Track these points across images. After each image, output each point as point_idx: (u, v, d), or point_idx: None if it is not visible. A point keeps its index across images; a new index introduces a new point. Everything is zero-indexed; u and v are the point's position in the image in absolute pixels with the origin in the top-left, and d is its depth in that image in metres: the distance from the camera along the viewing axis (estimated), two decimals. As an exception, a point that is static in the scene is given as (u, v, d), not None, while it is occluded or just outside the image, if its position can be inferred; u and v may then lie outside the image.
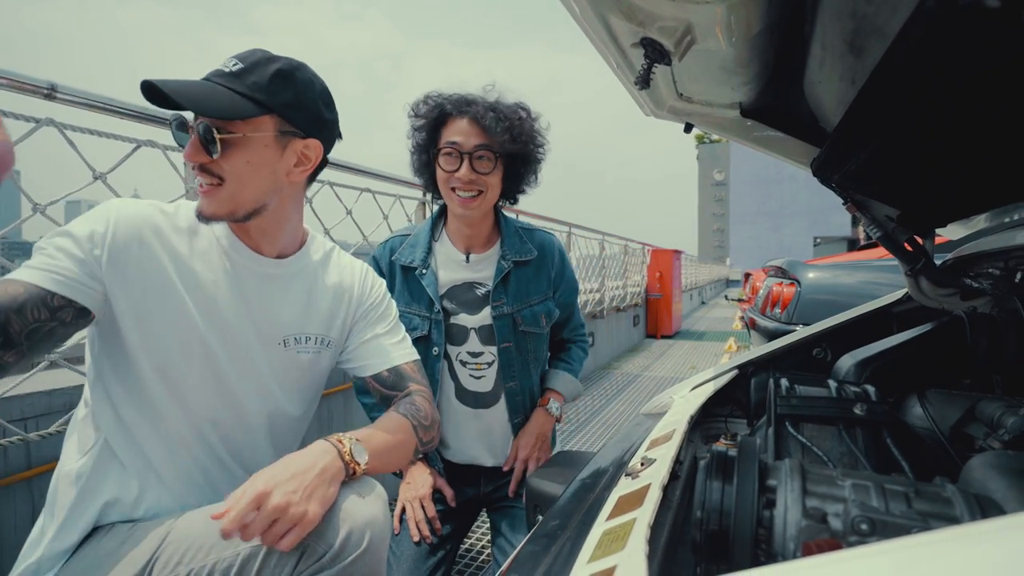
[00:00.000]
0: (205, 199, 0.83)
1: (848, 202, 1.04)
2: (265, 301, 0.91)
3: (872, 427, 0.62)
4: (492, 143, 1.20)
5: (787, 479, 0.47)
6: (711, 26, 0.75)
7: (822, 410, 0.65)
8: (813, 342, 1.16)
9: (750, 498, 0.46)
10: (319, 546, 0.72)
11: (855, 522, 0.41)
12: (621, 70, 0.89)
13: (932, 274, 0.98)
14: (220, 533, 0.66)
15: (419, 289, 1.30)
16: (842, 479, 0.47)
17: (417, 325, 1.30)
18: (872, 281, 2.38)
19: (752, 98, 1.06)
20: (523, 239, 1.36)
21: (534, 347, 1.37)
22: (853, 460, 0.60)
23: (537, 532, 0.69)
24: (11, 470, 1.12)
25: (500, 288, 1.31)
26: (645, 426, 1.11)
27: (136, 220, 0.82)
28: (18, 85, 0.99)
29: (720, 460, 0.50)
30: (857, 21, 0.71)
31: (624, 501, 0.69)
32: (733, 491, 0.47)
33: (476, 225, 1.31)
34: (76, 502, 0.80)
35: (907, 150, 0.79)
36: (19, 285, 0.71)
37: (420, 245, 1.32)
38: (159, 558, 0.74)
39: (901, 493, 0.44)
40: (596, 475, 0.90)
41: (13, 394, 1.10)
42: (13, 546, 1.13)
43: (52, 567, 0.77)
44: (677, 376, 5.12)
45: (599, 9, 0.72)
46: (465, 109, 1.20)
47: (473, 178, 1.21)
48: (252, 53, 0.83)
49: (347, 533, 0.73)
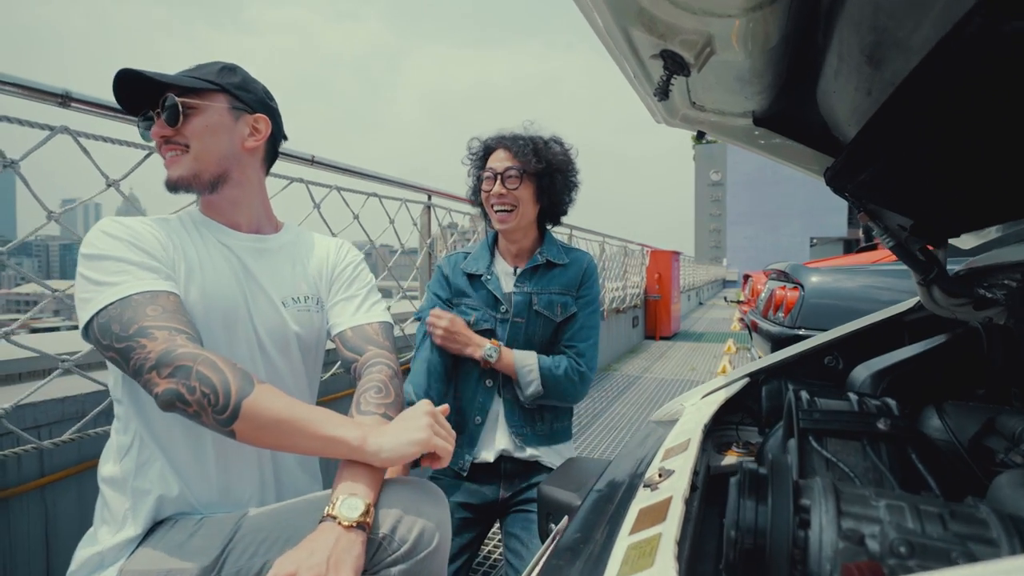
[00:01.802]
0: (173, 166, 0.93)
1: (861, 211, 1.05)
2: (262, 272, 1.00)
3: (897, 442, 0.62)
4: (518, 163, 1.39)
5: (821, 499, 0.47)
6: (731, 38, 0.76)
7: (845, 424, 0.65)
8: (824, 350, 1.16)
9: (786, 517, 0.46)
10: (393, 540, 0.76)
11: (893, 544, 0.41)
12: (639, 80, 0.90)
13: (945, 284, 0.99)
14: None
15: (485, 292, 1.47)
16: (876, 499, 0.47)
17: (486, 318, 1.46)
18: (875, 285, 2.39)
19: (765, 107, 1.06)
20: (561, 251, 1.52)
21: (541, 330, 1.45)
22: (878, 476, 0.60)
23: (561, 545, 0.69)
24: (24, 478, 1.11)
25: (528, 273, 1.47)
26: (657, 434, 1.12)
27: (152, 227, 0.91)
28: (32, 93, 0.99)
29: (753, 478, 0.50)
30: (877, 34, 0.71)
31: (645, 514, 0.69)
32: (768, 510, 0.47)
33: (519, 240, 1.48)
34: (127, 503, 0.84)
35: (925, 162, 0.79)
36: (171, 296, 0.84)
37: (482, 258, 1.51)
38: (233, 549, 0.79)
39: (936, 514, 0.44)
40: (613, 485, 0.90)
41: (27, 402, 1.10)
42: (26, 553, 1.12)
43: (117, 559, 0.81)
44: (678, 378, 5.13)
45: (622, 22, 0.72)
46: (499, 142, 1.44)
47: (503, 192, 1.39)
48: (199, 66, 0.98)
49: (420, 531, 0.78)
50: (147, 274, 0.83)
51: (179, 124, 0.91)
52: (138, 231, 0.88)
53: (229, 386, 0.75)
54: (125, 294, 0.80)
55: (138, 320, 0.78)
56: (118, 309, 0.79)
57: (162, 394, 0.74)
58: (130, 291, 0.80)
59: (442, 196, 2.52)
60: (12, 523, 1.10)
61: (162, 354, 0.75)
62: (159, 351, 0.75)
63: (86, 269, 0.82)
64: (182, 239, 0.93)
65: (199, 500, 0.88)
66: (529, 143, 1.40)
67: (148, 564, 0.79)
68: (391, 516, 0.78)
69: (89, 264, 0.82)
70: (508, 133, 1.45)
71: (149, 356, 0.75)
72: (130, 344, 0.76)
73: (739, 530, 0.48)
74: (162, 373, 0.74)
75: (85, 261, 0.83)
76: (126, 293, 0.80)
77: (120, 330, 0.77)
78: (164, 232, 0.92)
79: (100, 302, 0.79)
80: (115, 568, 0.79)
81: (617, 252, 6.62)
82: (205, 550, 0.79)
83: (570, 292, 1.48)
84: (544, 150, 1.42)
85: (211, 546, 0.80)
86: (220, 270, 0.94)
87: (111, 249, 0.83)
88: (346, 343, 1.03)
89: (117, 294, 0.80)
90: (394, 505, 0.79)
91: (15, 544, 1.10)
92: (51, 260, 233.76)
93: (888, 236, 1.03)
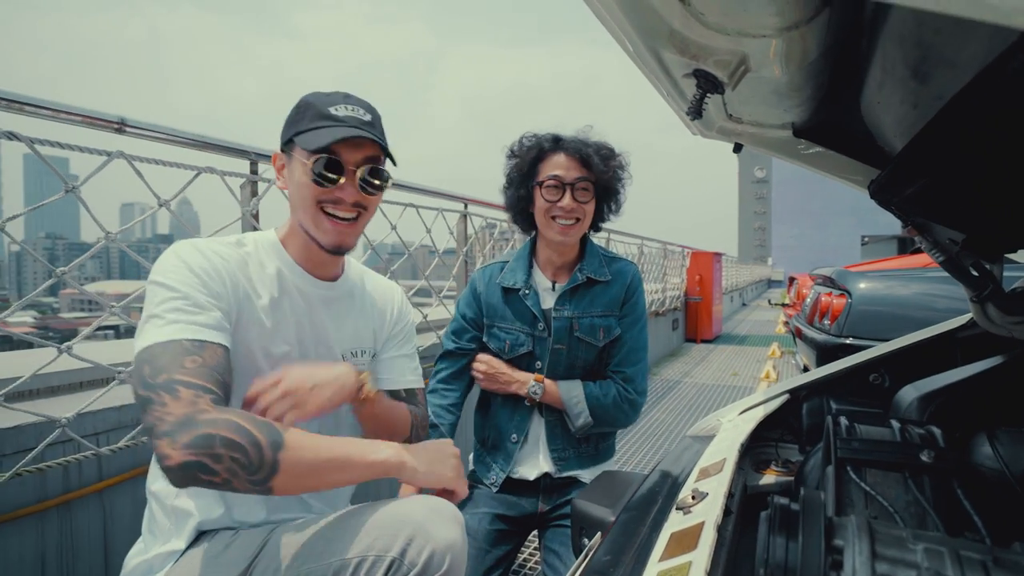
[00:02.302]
0: (349, 231, 0.94)
1: (908, 225, 1.01)
2: (327, 321, 0.99)
3: (941, 476, 0.60)
4: (590, 175, 1.32)
5: (855, 539, 0.46)
6: (766, 57, 0.74)
7: (886, 455, 0.63)
8: (870, 367, 1.12)
9: (817, 558, 0.45)
10: (404, 563, 0.76)
11: (929, 593, 0.40)
12: (672, 98, 0.89)
13: (1001, 301, 0.94)
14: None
15: (523, 308, 1.40)
16: (913, 542, 0.45)
17: (523, 341, 1.40)
18: (931, 292, 2.28)
19: (805, 118, 1.03)
20: (602, 263, 1.43)
21: (583, 357, 1.39)
22: (920, 512, 0.58)
23: (590, 568, 0.69)
24: (85, 482, 1.19)
25: (567, 295, 1.38)
26: (693, 450, 1.10)
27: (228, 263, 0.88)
28: (90, 120, 1.05)
29: (784, 514, 0.49)
30: (923, 50, 0.69)
31: (676, 540, 0.69)
32: (798, 549, 0.46)
33: (567, 252, 1.41)
34: (170, 523, 0.87)
35: (978, 175, 0.76)
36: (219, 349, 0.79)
37: (520, 270, 1.43)
38: (258, 565, 0.81)
39: (978, 562, 0.43)
40: (646, 504, 0.89)
41: (87, 411, 1.17)
42: (88, 553, 1.20)
43: (163, 566, 0.84)
44: (719, 383, 5.02)
45: (652, 45, 0.71)
46: (563, 146, 1.33)
47: (574, 207, 1.31)
48: (358, 100, 0.95)
49: (430, 554, 0.77)
50: (203, 318, 0.79)
51: (381, 191, 0.95)
52: (211, 265, 0.85)
53: (260, 443, 0.70)
54: (171, 337, 0.76)
55: (169, 370, 0.72)
56: (158, 351, 0.74)
57: (178, 467, 0.67)
58: (177, 335, 0.76)
59: (478, 204, 2.54)
60: (74, 524, 1.17)
61: (182, 420, 0.69)
62: (179, 416, 0.69)
63: (151, 293, 0.81)
64: (252, 277, 0.91)
65: (242, 520, 0.90)
66: (598, 153, 1.33)
67: (187, 573, 0.82)
68: (401, 538, 0.77)
69: (155, 290, 0.80)
70: (571, 137, 1.35)
71: (166, 418, 0.69)
72: (151, 396, 0.71)
73: (768, 568, 0.47)
74: (178, 442, 0.67)
75: (153, 285, 0.81)
76: (173, 337, 0.76)
77: (149, 375, 0.72)
78: (237, 266, 0.89)
79: (148, 337, 0.76)
80: (162, 574, 0.83)
81: (656, 254, 6.53)
82: (235, 563, 0.81)
83: (613, 312, 1.40)
84: (611, 160, 1.35)
85: (240, 559, 0.82)
86: (283, 318, 0.93)
87: (178, 280, 0.81)
88: (395, 396, 1.07)
89: (165, 335, 0.76)
90: (405, 527, 0.78)
91: (77, 544, 1.18)
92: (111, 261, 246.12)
93: (938, 251, 0.99)
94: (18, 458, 1.06)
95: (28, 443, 1.08)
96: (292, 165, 0.93)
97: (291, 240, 0.97)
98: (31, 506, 1.09)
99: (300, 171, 0.90)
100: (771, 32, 0.67)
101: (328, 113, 0.91)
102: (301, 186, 0.91)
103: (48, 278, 1.10)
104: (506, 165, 1.41)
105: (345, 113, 0.92)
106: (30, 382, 1.12)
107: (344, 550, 0.77)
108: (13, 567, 1.07)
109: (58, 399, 1.27)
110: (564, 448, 1.40)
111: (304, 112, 0.92)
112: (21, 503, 1.08)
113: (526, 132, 1.38)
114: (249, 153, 1.41)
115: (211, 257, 0.86)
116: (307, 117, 0.91)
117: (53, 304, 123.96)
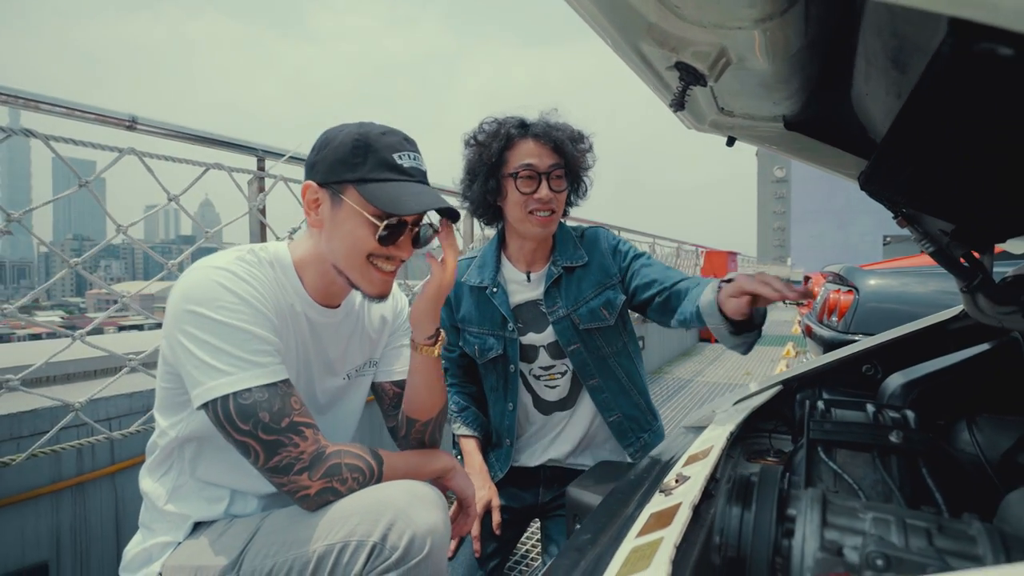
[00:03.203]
0: (392, 279, 0.94)
1: (898, 216, 1.01)
2: (329, 347, 0.99)
3: (908, 456, 0.61)
4: (563, 161, 1.24)
5: (807, 509, 0.48)
6: (747, 49, 0.75)
7: (856, 436, 0.64)
8: (863, 358, 1.12)
9: (767, 526, 0.47)
10: (385, 547, 0.78)
11: (870, 557, 0.42)
12: (659, 92, 0.90)
13: (990, 291, 0.94)
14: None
15: (491, 308, 1.33)
16: (864, 511, 0.47)
17: (492, 345, 1.33)
18: (939, 289, 2.25)
19: (796, 111, 1.04)
20: (576, 245, 1.36)
21: (605, 341, 1.33)
22: (886, 490, 0.59)
23: (568, 545, 0.71)
24: (98, 465, 1.24)
25: (553, 292, 1.31)
26: (686, 439, 1.11)
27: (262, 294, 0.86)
28: (103, 118, 1.10)
29: (741, 486, 0.51)
30: (898, 39, 0.70)
31: (655, 518, 0.71)
32: (751, 518, 0.48)
33: (544, 242, 1.33)
34: (167, 520, 0.89)
35: (960, 164, 0.77)
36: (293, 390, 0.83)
37: (488, 266, 1.35)
38: (249, 550, 0.83)
39: (923, 529, 0.44)
40: (632, 488, 0.91)
41: (99, 396, 1.22)
42: (99, 531, 1.25)
43: (161, 555, 0.87)
44: (731, 382, 4.98)
45: (630, 39, 0.73)
46: (531, 131, 1.23)
47: (552, 197, 1.23)
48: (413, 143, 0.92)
49: (411, 538, 0.78)
50: (278, 357, 0.83)
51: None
52: (258, 296, 0.84)
53: (372, 466, 0.86)
54: (273, 380, 0.80)
55: (288, 414, 0.79)
56: (266, 395, 0.78)
57: (315, 495, 0.80)
58: (276, 378, 0.80)
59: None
60: (88, 505, 1.23)
61: (315, 456, 0.80)
62: (312, 452, 0.80)
63: (211, 335, 0.78)
64: (276, 304, 0.89)
65: (238, 514, 0.91)
66: (567, 136, 1.24)
67: (184, 560, 0.84)
68: (382, 523, 0.78)
69: (218, 331, 0.78)
70: (538, 120, 1.25)
71: (302, 457, 0.79)
72: (280, 439, 0.78)
73: (723, 536, 0.49)
74: (315, 475, 0.79)
75: (209, 324, 0.78)
76: (274, 379, 0.80)
77: (271, 421, 0.78)
78: (271, 299, 0.87)
79: (245, 381, 0.77)
80: (159, 563, 0.86)
81: (669, 253, 6.50)
82: (229, 549, 0.83)
83: (607, 283, 1.32)
84: (581, 144, 1.28)
85: (234, 545, 0.84)
86: (288, 345, 0.92)
87: (242, 319, 0.80)
88: (402, 386, 1.08)
89: (265, 377, 0.79)
90: (386, 512, 0.79)
91: (90, 523, 1.23)
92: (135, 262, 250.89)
93: (928, 241, 0.99)
94: (34, 440, 1.12)
95: (43, 426, 1.13)
96: (342, 209, 0.87)
97: (309, 269, 0.93)
98: (47, 486, 1.14)
99: (357, 222, 0.86)
100: (747, 24, 0.69)
101: (394, 163, 0.87)
102: (356, 238, 0.87)
103: (64, 271, 1.15)
104: (466, 155, 1.29)
105: (410, 164, 0.89)
106: (46, 369, 1.17)
107: (328, 536, 0.79)
108: (30, 544, 1.12)
109: (74, 385, 1.33)
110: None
111: (364, 155, 0.86)
112: (37, 483, 1.13)
113: (486, 118, 1.27)
114: (256, 150, 1.45)
115: (254, 285, 0.84)
116: (369, 163, 0.86)
117: (80, 304, 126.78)
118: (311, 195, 0.89)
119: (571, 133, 1.26)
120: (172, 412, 0.88)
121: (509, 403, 1.36)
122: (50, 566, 1.15)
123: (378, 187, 0.85)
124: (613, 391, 1.35)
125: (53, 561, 1.16)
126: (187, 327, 0.78)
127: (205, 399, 0.77)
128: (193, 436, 0.88)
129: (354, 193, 0.85)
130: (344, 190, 0.86)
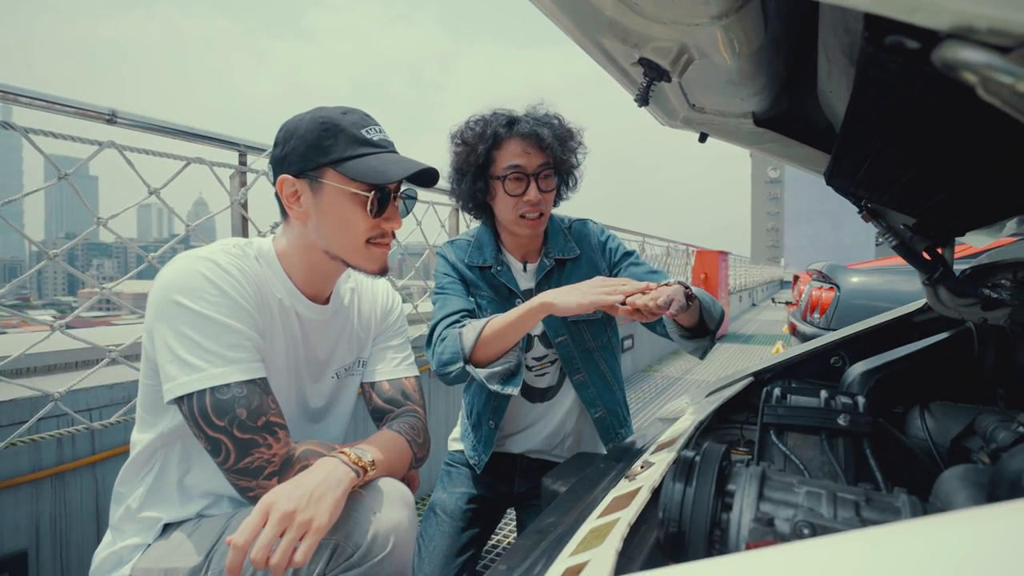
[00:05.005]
0: (385, 254, 0.93)
1: (863, 210, 1.04)
2: (318, 345, 0.98)
3: (853, 438, 0.63)
4: (551, 159, 1.22)
5: (745, 484, 0.50)
6: (708, 45, 0.77)
7: (806, 420, 0.66)
8: (832, 350, 1.15)
9: (706, 501, 0.49)
10: (348, 546, 0.77)
11: (797, 526, 0.44)
12: (626, 87, 0.92)
13: (951, 284, 0.96)
14: (232, 551, 0.68)
15: (497, 283, 1.32)
16: (799, 486, 0.49)
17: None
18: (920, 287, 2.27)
19: (764, 108, 1.06)
20: (567, 237, 1.36)
21: (591, 335, 1.34)
22: (832, 470, 0.61)
23: (532, 527, 0.73)
24: (78, 455, 1.25)
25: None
26: (657, 430, 1.14)
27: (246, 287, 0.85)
28: (82, 112, 1.11)
29: (684, 464, 0.53)
30: (851, 36, 0.72)
31: (616, 501, 0.73)
32: (692, 493, 0.50)
33: (537, 238, 1.34)
34: (138, 523, 0.88)
35: (907, 159, 0.79)
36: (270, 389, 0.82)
37: (488, 247, 1.34)
38: (218, 550, 0.81)
39: (851, 501, 0.46)
40: (600, 476, 0.93)
41: (79, 387, 1.23)
42: (80, 522, 1.26)
43: (131, 557, 0.85)
44: (719, 380, 5.01)
45: (591, 35, 0.75)
46: (518, 128, 1.21)
47: (540, 199, 1.22)
48: (372, 118, 0.91)
49: (373, 535, 0.78)
50: (256, 354, 0.81)
51: None
52: (241, 290, 0.83)
53: None
54: (252, 377, 0.79)
55: (265, 412, 0.78)
56: (244, 391, 0.77)
57: None
58: (255, 375, 0.79)
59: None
60: (68, 494, 1.23)
61: (285, 460, 0.78)
62: (283, 455, 0.78)
63: (189, 327, 0.77)
64: (260, 299, 0.87)
65: (208, 515, 0.89)
66: (553, 131, 1.22)
67: (153, 562, 0.83)
68: (347, 522, 0.77)
69: (196, 323, 0.77)
70: (525, 116, 1.22)
71: (273, 460, 0.77)
72: (254, 438, 0.76)
73: (666, 510, 0.51)
74: (284, 479, 0.77)
75: (188, 315, 0.77)
76: (253, 376, 0.79)
77: (247, 418, 0.76)
78: (254, 293, 0.86)
79: (223, 377, 0.76)
80: (130, 566, 0.84)
81: (660, 253, 6.53)
82: (198, 549, 0.82)
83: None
84: (569, 137, 1.25)
85: (202, 545, 0.82)
86: (277, 344, 0.91)
87: (222, 312, 0.79)
88: (382, 394, 1.05)
89: (244, 373, 0.78)
90: (350, 511, 0.78)
91: (70, 513, 1.24)
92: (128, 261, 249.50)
93: (891, 235, 1.01)
94: (13, 429, 1.12)
95: (23, 416, 1.14)
96: (325, 194, 0.86)
97: (294, 261, 0.92)
98: (26, 475, 1.15)
99: (344, 202, 0.86)
100: (704, 20, 0.71)
101: (365, 138, 0.86)
102: (347, 218, 0.87)
103: (44, 262, 1.16)
104: (453, 153, 1.27)
105: (379, 136, 0.89)
106: (26, 360, 1.18)
107: None
108: (9, 533, 1.13)
109: (54, 377, 1.33)
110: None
111: (334, 136, 0.85)
112: (17, 472, 1.14)
113: (472, 115, 1.26)
114: (238, 145, 1.47)
115: (237, 278, 0.83)
116: (341, 143, 0.85)
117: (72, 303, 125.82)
118: (288, 189, 0.87)
119: (559, 128, 1.24)
120: (156, 409, 0.87)
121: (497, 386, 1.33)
122: (29, 554, 1.16)
123: (358, 163, 0.84)
124: (598, 386, 1.36)
125: (32, 549, 1.17)
126: (167, 316, 0.78)
127: (179, 393, 0.76)
128: (177, 434, 0.86)
129: (334, 175, 0.85)
130: (323, 174, 0.85)
